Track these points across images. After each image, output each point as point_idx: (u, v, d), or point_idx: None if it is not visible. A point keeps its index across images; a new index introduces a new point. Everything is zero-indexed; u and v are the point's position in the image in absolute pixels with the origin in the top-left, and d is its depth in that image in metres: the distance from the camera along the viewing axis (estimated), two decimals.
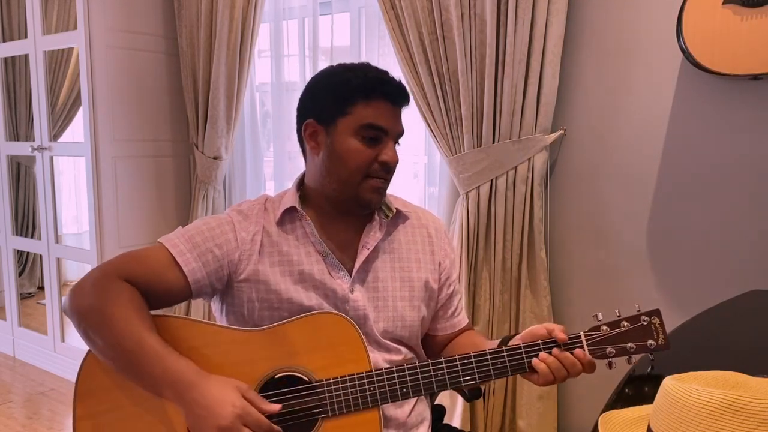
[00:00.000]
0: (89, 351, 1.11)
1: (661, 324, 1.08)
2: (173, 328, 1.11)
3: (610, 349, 1.07)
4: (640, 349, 1.07)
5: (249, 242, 1.17)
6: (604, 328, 1.08)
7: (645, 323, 1.08)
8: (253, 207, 1.22)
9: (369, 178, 1.16)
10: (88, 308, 1.07)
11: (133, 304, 1.08)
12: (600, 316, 1.09)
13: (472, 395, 1.38)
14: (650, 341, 1.07)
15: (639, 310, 1.09)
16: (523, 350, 1.08)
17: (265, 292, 1.16)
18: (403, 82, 1.24)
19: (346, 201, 1.19)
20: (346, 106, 1.14)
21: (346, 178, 1.16)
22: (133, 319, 1.06)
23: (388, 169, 1.17)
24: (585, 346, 1.08)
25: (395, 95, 1.17)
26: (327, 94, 1.17)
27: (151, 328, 1.06)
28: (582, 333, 1.09)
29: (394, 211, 1.25)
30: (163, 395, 1.04)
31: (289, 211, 1.20)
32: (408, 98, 1.21)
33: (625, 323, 1.08)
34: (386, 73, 1.18)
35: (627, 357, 1.08)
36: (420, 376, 1.09)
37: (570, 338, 1.08)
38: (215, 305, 1.25)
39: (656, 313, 1.09)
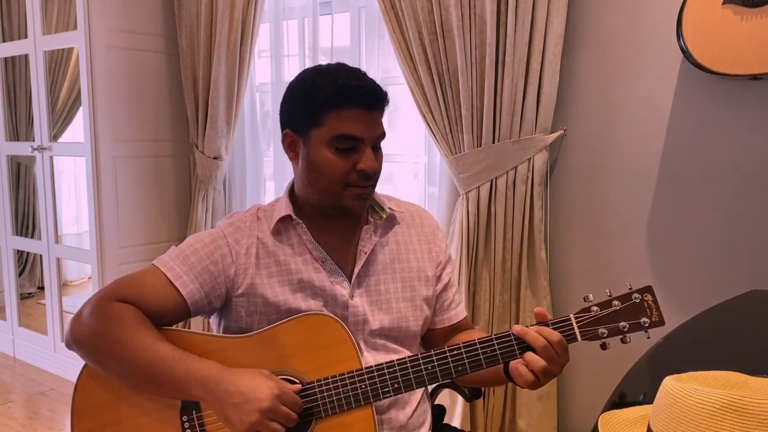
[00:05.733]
0: (84, 367, 1.11)
1: (654, 301, 1.05)
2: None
3: (602, 330, 1.05)
4: (633, 327, 1.04)
5: (244, 255, 1.17)
6: (595, 308, 1.06)
7: (637, 301, 1.05)
8: (245, 218, 1.21)
9: (349, 187, 1.14)
10: (93, 335, 1.07)
11: (137, 319, 1.08)
12: (590, 297, 1.07)
13: (472, 395, 1.38)
14: (644, 319, 1.04)
15: (630, 288, 1.07)
16: (512, 336, 1.05)
17: (263, 305, 1.16)
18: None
19: (330, 209, 1.18)
20: (318, 116, 1.10)
21: (325, 188, 1.14)
22: (141, 333, 1.06)
23: (367, 177, 1.13)
24: (576, 329, 1.05)
25: (368, 101, 1.11)
26: (299, 103, 1.14)
27: (161, 338, 1.07)
28: (572, 315, 1.06)
29: (388, 211, 1.24)
30: (191, 395, 1.05)
31: (284, 220, 1.19)
32: (385, 99, 1.14)
33: (616, 302, 1.06)
34: (361, 75, 1.12)
35: (621, 337, 1.05)
36: (410, 370, 1.07)
37: (559, 321, 1.06)
38: (214, 321, 1.24)
39: (648, 289, 1.06)
